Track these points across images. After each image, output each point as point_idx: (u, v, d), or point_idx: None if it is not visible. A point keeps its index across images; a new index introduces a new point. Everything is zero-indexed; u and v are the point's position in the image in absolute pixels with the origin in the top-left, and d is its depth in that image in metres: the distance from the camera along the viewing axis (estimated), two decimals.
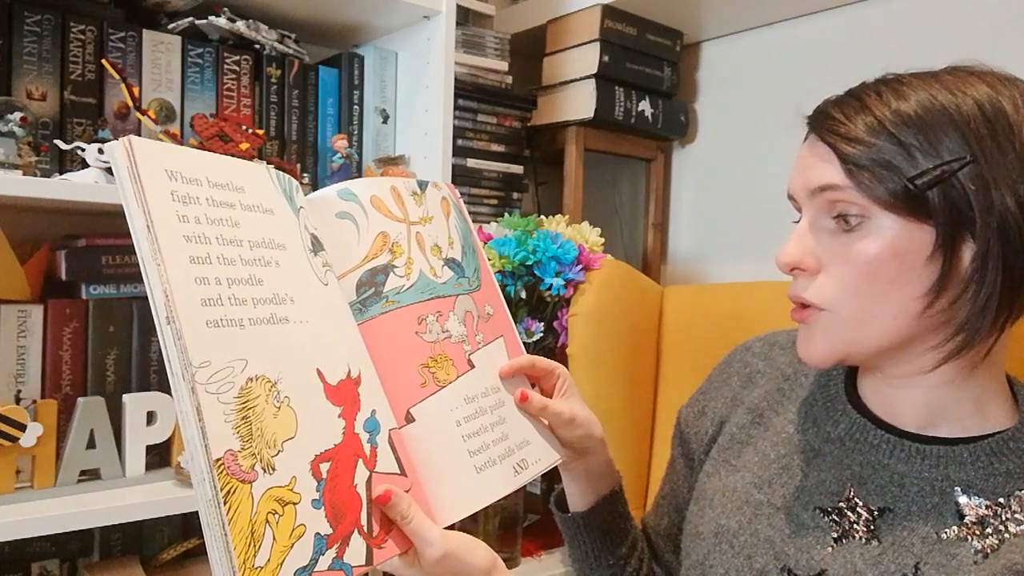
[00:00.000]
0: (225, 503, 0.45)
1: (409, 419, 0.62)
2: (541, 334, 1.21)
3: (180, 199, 0.51)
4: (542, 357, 0.75)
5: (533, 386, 0.75)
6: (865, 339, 0.61)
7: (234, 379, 0.49)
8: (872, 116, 0.58)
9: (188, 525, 1.15)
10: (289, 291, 0.56)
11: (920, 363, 0.62)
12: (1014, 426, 0.62)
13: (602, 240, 1.28)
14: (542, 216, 1.29)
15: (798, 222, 0.64)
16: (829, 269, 0.61)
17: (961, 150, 0.56)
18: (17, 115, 0.87)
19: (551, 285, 1.18)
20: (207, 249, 0.51)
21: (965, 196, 0.55)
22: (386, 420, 0.60)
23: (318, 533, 0.51)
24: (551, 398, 0.74)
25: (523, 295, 1.22)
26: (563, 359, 1.16)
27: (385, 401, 0.61)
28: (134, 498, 0.91)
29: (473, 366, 0.68)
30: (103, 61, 0.99)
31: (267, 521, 0.47)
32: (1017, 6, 1.18)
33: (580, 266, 1.21)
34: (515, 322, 1.24)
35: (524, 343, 1.19)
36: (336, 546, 0.52)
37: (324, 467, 0.53)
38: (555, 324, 1.22)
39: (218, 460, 0.46)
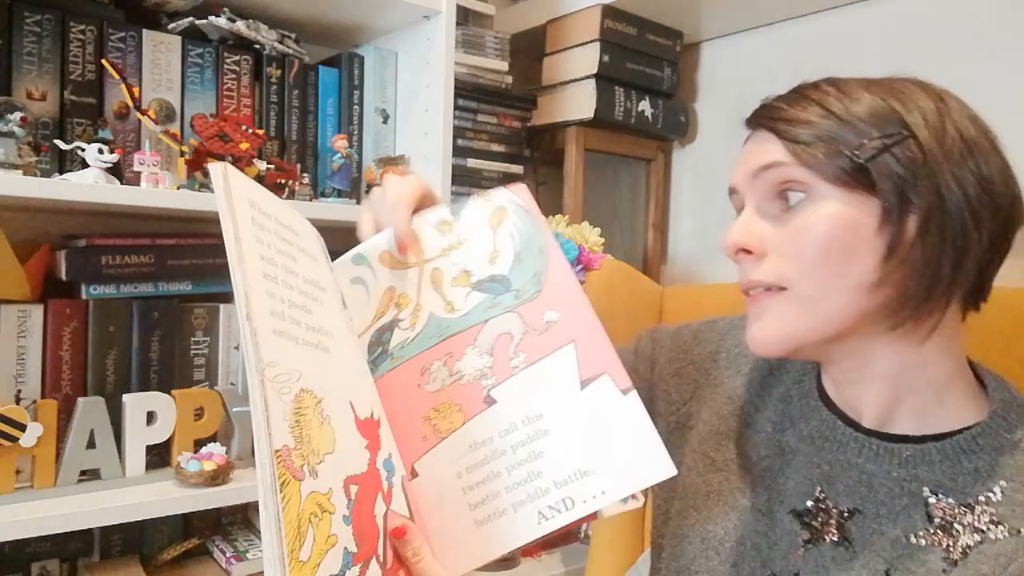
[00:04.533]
0: (281, 491, 0.47)
1: (414, 474, 0.62)
2: None
3: (258, 225, 0.57)
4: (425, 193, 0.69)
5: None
6: (821, 319, 0.59)
7: (291, 385, 0.52)
8: (815, 104, 0.60)
9: (188, 525, 1.15)
10: (330, 328, 0.60)
11: (869, 353, 0.61)
12: (984, 421, 0.61)
13: (602, 240, 1.28)
14: None
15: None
16: (778, 250, 0.60)
17: (904, 130, 0.57)
18: (17, 115, 0.87)
19: None
20: (275, 270, 0.56)
21: (907, 166, 0.56)
22: (399, 467, 0.61)
23: (346, 548, 0.51)
24: None
25: None
26: None
27: (398, 453, 0.62)
28: (134, 498, 0.91)
29: (493, 402, 0.62)
30: (103, 61, 0.99)
31: (310, 520, 0.49)
32: (1018, 6, 1.18)
33: (580, 266, 1.21)
34: None
35: None
36: (359, 566, 0.52)
37: (353, 489, 0.54)
38: None
39: (277, 451, 0.48)
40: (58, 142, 0.95)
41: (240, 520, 1.19)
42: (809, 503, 0.64)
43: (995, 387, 0.64)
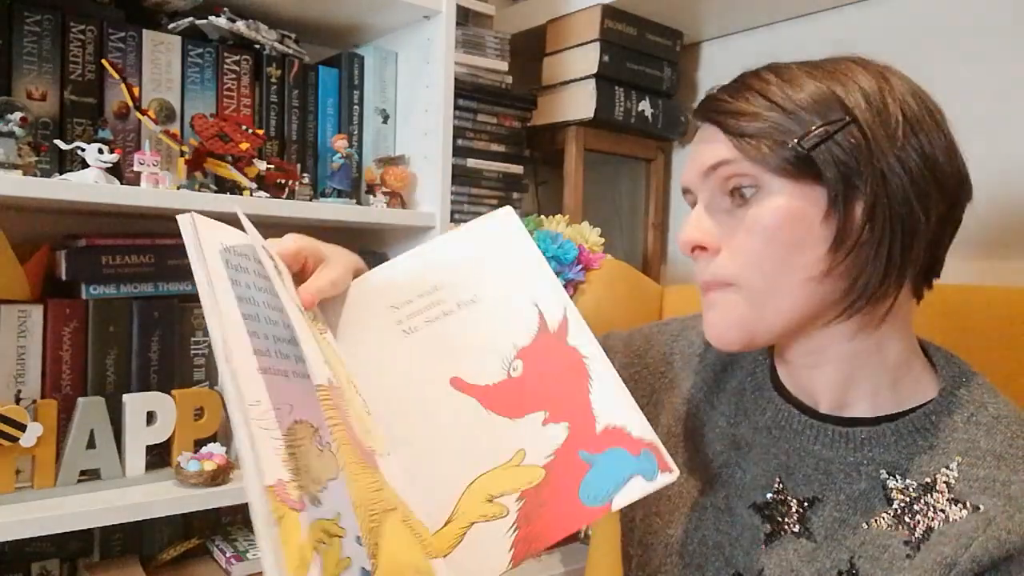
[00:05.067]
0: (278, 525, 0.47)
1: None
2: None
3: (233, 267, 0.58)
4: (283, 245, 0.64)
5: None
6: (773, 312, 0.60)
7: (282, 419, 0.52)
8: (756, 94, 0.59)
9: (188, 525, 1.15)
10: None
11: (824, 337, 0.62)
12: (935, 398, 0.61)
13: (602, 240, 1.28)
14: (542, 216, 1.29)
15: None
16: (730, 244, 0.60)
17: (845, 115, 0.57)
18: (17, 115, 0.87)
19: None
20: (256, 310, 0.56)
21: (851, 153, 0.56)
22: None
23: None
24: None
25: None
26: None
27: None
28: (134, 498, 0.91)
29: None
30: (103, 61, 0.99)
31: (315, 548, 0.49)
32: (1018, 6, 1.18)
33: (580, 266, 1.21)
34: None
35: None
36: None
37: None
38: None
39: (270, 487, 0.48)
40: (58, 142, 0.95)
41: (240, 520, 1.19)
42: (769, 495, 0.64)
43: (944, 363, 0.64)
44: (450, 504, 0.58)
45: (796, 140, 0.57)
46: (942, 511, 0.57)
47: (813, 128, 0.57)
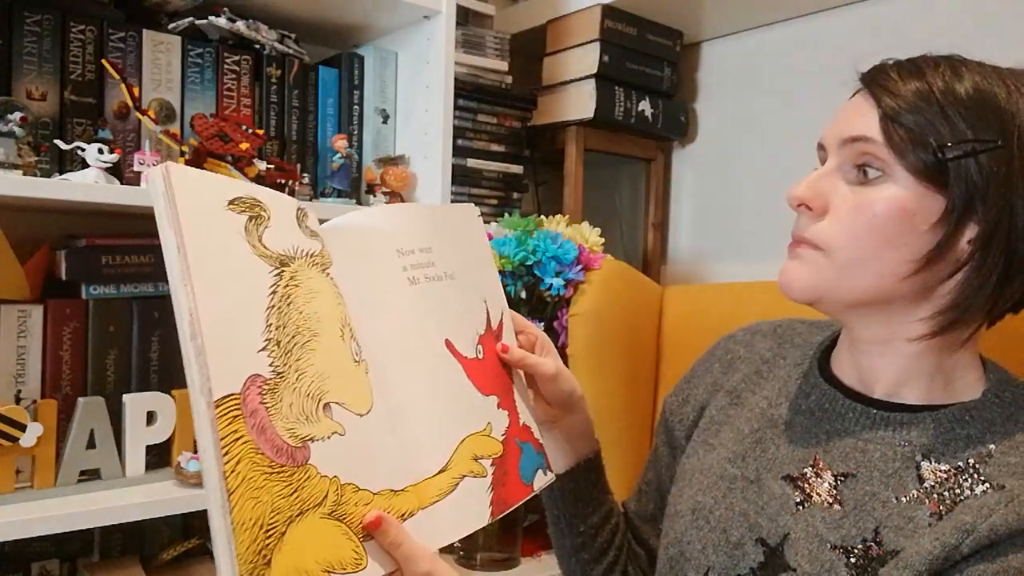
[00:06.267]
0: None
1: None
2: None
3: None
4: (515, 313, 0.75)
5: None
6: (847, 287, 0.62)
7: None
8: (924, 83, 0.59)
9: (188, 525, 1.15)
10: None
11: (893, 331, 0.63)
12: (979, 398, 0.64)
13: (602, 240, 1.28)
14: (542, 216, 1.29)
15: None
16: (836, 214, 0.62)
17: (997, 137, 0.57)
18: (17, 115, 0.87)
19: (551, 285, 1.18)
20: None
21: (986, 177, 0.57)
22: None
23: None
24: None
25: (523, 295, 1.21)
26: (563, 359, 1.16)
27: None
28: (134, 498, 0.92)
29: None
30: (103, 61, 0.99)
31: None
32: (1018, 5, 1.18)
33: (580, 266, 1.21)
34: None
35: None
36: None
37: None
38: (555, 324, 1.22)
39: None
40: (58, 142, 0.95)
41: None
42: (805, 469, 0.66)
43: (992, 368, 0.66)
44: (446, 453, 0.62)
45: (938, 145, 0.57)
46: (969, 489, 0.59)
47: (960, 140, 0.57)
